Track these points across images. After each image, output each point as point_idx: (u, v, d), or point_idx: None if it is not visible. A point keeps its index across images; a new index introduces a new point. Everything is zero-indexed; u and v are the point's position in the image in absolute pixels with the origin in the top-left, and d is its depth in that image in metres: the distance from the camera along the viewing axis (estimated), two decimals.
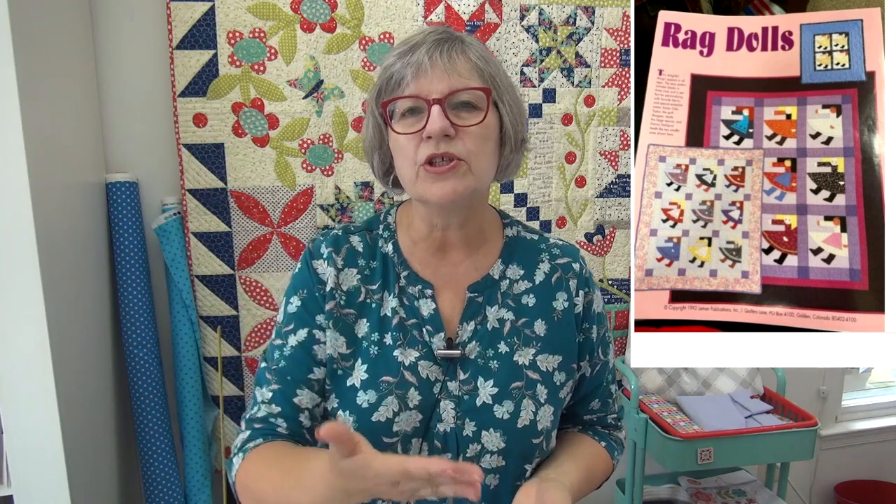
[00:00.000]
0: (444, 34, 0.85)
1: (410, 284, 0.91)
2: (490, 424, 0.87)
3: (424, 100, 0.81)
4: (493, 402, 0.87)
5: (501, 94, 0.86)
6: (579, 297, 0.95)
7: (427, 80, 0.81)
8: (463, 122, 0.82)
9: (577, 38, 1.82)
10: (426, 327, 0.89)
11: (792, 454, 1.74)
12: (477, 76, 0.84)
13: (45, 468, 1.26)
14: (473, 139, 0.82)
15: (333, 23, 1.64)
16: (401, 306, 0.90)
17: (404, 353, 0.88)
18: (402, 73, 0.83)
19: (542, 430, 0.89)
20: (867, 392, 2.54)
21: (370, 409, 0.85)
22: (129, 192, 1.57)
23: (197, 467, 1.67)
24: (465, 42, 0.85)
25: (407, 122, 0.84)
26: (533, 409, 0.88)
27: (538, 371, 0.90)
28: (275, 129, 1.65)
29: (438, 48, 0.82)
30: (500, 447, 0.87)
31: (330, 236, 0.94)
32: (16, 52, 1.13)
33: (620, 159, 1.93)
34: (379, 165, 0.93)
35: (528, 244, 0.97)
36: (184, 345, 1.64)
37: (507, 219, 1.00)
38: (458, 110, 0.82)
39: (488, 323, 0.91)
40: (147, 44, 1.59)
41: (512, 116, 0.88)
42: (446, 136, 0.81)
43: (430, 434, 0.87)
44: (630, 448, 1.84)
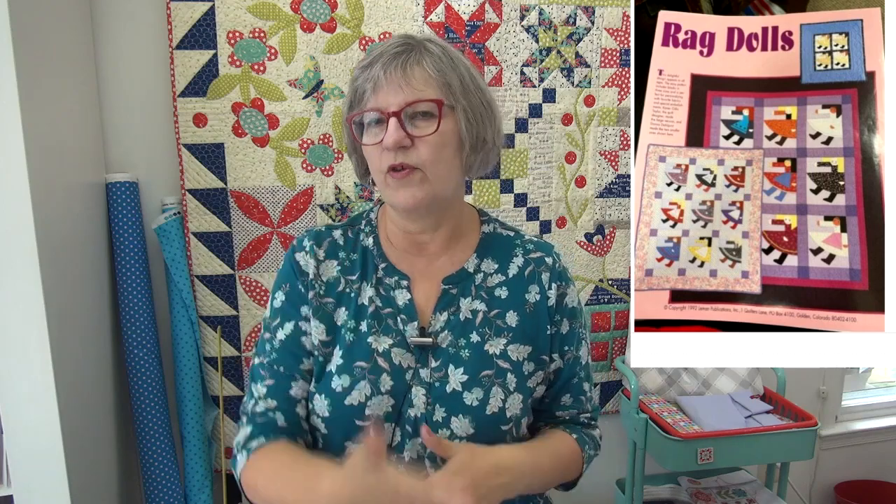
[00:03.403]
0: (403, 46, 0.89)
1: (387, 275, 0.96)
2: (459, 410, 0.89)
3: (383, 113, 0.87)
4: (462, 389, 0.90)
5: (456, 99, 0.89)
6: (552, 289, 0.97)
7: (384, 94, 0.87)
8: (419, 133, 0.87)
9: (577, 38, 1.82)
10: (400, 316, 0.93)
11: (792, 454, 1.74)
12: (433, 86, 0.88)
13: (45, 468, 1.26)
14: (429, 148, 0.87)
15: (333, 23, 1.64)
16: (377, 295, 0.94)
17: (378, 339, 0.92)
18: (364, 88, 0.89)
19: (511, 418, 0.91)
20: (867, 392, 2.54)
21: (343, 394, 0.89)
22: (129, 192, 1.57)
23: (197, 467, 1.67)
24: (424, 51, 0.89)
25: (373, 132, 0.89)
26: (502, 397, 0.91)
27: (508, 360, 0.93)
28: (275, 129, 1.65)
29: (393, 62, 0.87)
30: (468, 433, 0.89)
31: (313, 231, 1.00)
32: (16, 52, 1.14)
33: (620, 159, 1.93)
34: (357, 166, 0.99)
35: (504, 240, 1.01)
36: (184, 345, 1.64)
37: (486, 216, 1.03)
38: (415, 120, 0.87)
39: (461, 313, 0.94)
40: (147, 44, 1.59)
41: (467, 120, 0.90)
42: (402, 147, 0.86)
43: (402, 419, 0.89)
44: (630, 448, 1.84)
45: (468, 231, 1.00)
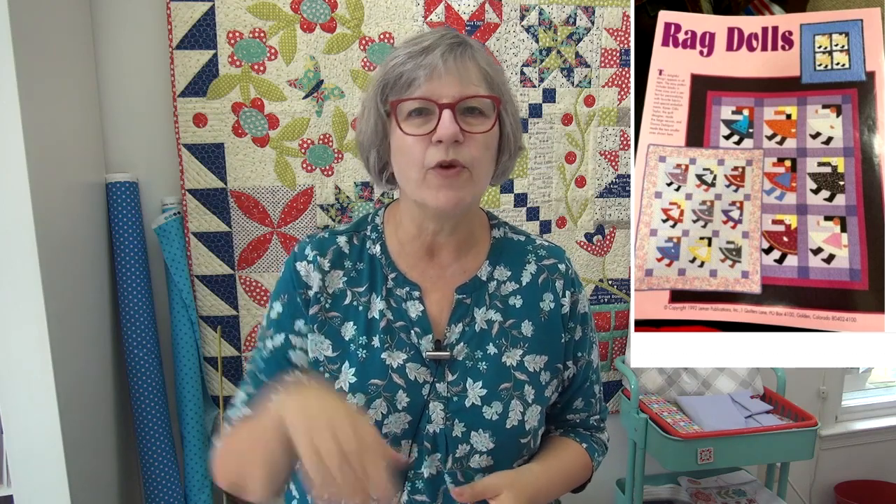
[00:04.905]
0: (456, 38, 0.85)
1: (398, 286, 0.92)
2: (479, 425, 0.87)
3: (436, 103, 0.81)
4: (481, 403, 0.88)
5: (506, 102, 0.88)
6: (566, 297, 0.96)
7: (440, 84, 0.81)
8: (471, 129, 0.83)
9: (577, 38, 1.82)
10: (414, 329, 0.90)
11: (792, 454, 1.74)
12: (485, 83, 0.85)
13: (45, 468, 1.26)
14: (478, 146, 0.84)
15: (333, 23, 1.64)
16: (388, 308, 0.90)
17: (392, 355, 0.88)
18: (414, 74, 0.82)
19: (530, 430, 0.90)
20: (867, 392, 2.54)
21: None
22: (129, 192, 1.57)
23: (197, 467, 1.67)
24: (474, 48, 0.86)
25: (414, 123, 0.83)
26: (521, 410, 0.89)
27: (525, 372, 0.91)
28: (275, 129, 1.65)
29: (453, 52, 0.83)
30: (488, 447, 0.87)
31: (316, 239, 0.94)
32: (16, 52, 1.13)
33: (620, 159, 1.93)
34: (375, 162, 0.91)
35: (515, 245, 0.98)
36: (184, 345, 1.64)
37: (495, 220, 1.00)
38: (465, 116, 0.83)
39: (476, 324, 0.91)
40: (147, 44, 1.59)
41: (513, 124, 0.89)
42: (455, 141, 0.81)
43: (419, 435, 0.87)
44: (630, 448, 1.84)
45: (480, 236, 0.97)
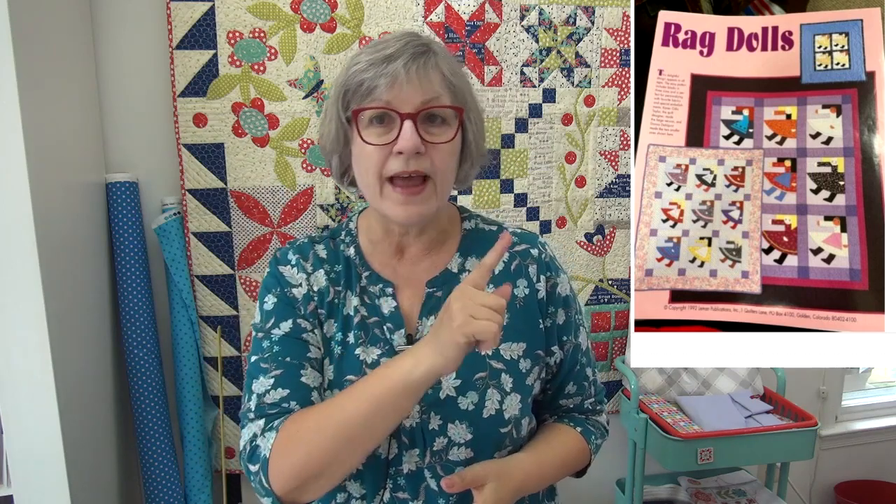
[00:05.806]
0: (420, 46, 0.85)
1: (371, 284, 0.93)
2: (455, 417, 0.87)
3: (397, 112, 0.82)
4: (456, 394, 0.88)
5: (469, 110, 0.88)
6: (541, 282, 0.95)
7: (401, 93, 0.81)
8: (433, 139, 0.83)
9: (577, 38, 1.82)
10: (386, 325, 0.91)
11: (792, 454, 1.75)
12: (449, 92, 0.85)
13: (45, 468, 1.26)
14: (441, 156, 0.84)
15: (333, 23, 1.64)
16: (362, 305, 0.92)
17: (366, 350, 0.89)
18: (375, 83, 0.82)
19: (510, 419, 0.90)
20: (867, 392, 2.54)
21: None
22: (129, 192, 1.57)
23: (197, 467, 1.67)
24: (438, 55, 0.86)
25: (374, 132, 0.84)
26: (498, 399, 0.89)
27: (502, 360, 0.91)
28: (275, 129, 1.65)
29: (416, 62, 0.82)
30: (466, 439, 0.87)
31: (295, 245, 0.96)
32: (16, 52, 1.13)
33: (620, 159, 1.93)
34: (338, 166, 0.94)
35: (487, 235, 0.98)
36: (184, 345, 1.64)
37: (466, 213, 1.01)
38: (426, 125, 0.83)
39: None
40: (147, 44, 1.59)
41: (476, 132, 0.89)
42: (417, 152, 0.82)
43: (397, 431, 0.87)
44: (630, 448, 1.84)
45: (450, 231, 0.97)
